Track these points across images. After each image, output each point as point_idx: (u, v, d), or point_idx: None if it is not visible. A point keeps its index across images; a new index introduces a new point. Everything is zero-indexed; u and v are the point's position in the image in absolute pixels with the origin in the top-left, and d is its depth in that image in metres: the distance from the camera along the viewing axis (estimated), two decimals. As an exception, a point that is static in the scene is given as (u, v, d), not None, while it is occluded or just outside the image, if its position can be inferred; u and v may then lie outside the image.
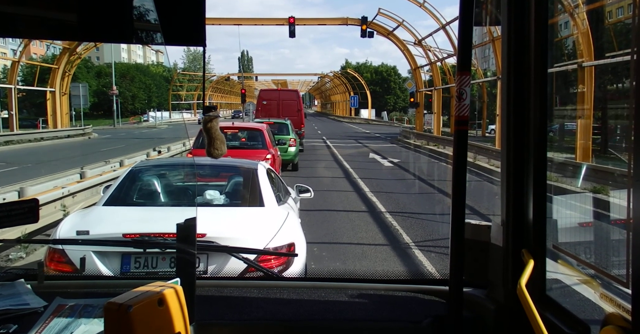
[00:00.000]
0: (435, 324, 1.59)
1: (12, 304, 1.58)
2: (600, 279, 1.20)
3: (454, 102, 1.47)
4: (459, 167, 1.46)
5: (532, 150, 1.45)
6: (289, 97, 26.39)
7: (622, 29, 16.51)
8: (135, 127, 51.15)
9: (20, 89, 37.10)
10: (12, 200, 6.73)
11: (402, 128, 41.52)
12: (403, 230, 8.97)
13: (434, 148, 25.76)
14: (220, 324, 1.60)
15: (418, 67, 36.08)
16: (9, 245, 7.37)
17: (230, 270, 3.66)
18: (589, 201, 1.75)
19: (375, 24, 32.98)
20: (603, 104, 16.77)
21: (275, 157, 12.41)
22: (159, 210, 4.93)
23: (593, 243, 1.62)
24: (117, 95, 50.88)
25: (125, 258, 3.80)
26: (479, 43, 29.58)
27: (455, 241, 1.47)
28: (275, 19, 34.51)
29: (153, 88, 75.17)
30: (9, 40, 58.72)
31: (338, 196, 12.49)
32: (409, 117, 60.75)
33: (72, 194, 9.28)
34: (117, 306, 1.16)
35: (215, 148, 1.47)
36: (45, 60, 45.39)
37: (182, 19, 1.33)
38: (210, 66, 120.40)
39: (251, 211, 4.88)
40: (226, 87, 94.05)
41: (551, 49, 1.47)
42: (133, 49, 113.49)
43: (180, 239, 1.54)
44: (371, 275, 1.98)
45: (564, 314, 1.34)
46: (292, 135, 17.69)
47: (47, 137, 31.99)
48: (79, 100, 37.47)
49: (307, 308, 1.69)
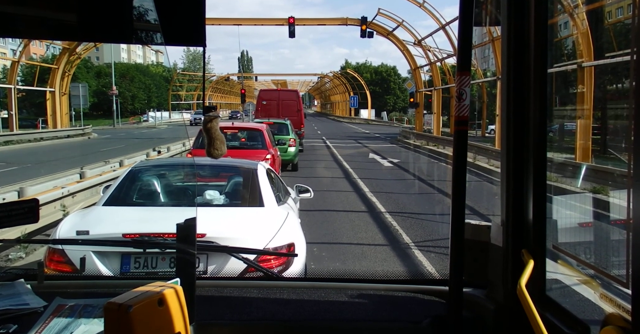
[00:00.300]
0: (435, 324, 1.59)
1: (12, 304, 1.58)
2: (600, 279, 1.20)
3: (454, 102, 1.47)
4: (458, 167, 1.46)
5: (532, 150, 1.45)
6: (289, 97, 26.39)
7: (622, 29, 16.51)
8: (135, 127, 51.15)
9: (20, 89, 37.09)
10: (13, 200, 6.72)
11: (401, 129, 41.52)
12: (403, 230, 8.97)
13: (433, 149, 25.76)
14: (220, 325, 1.60)
15: (418, 67, 36.09)
16: (8, 245, 7.37)
17: (230, 270, 3.67)
18: (588, 202, 1.75)
19: (375, 24, 32.99)
20: (603, 104, 16.77)
21: (275, 157, 12.41)
22: (159, 210, 4.93)
23: (593, 243, 1.62)
24: (117, 95, 50.88)
25: (125, 258, 3.80)
26: (478, 43, 29.57)
27: (455, 241, 1.47)
28: (275, 19, 34.57)
29: (153, 88, 75.15)
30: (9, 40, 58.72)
31: (338, 196, 12.49)
32: (409, 117, 60.78)
33: (72, 194, 9.28)
34: (117, 306, 1.16)
35: (215, 148, 1.47)
36: (45, 60, 45.38)
37: (182, 19, 1.33)
38: (210, 66, 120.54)
39: (251, 211, 4.88)
40: (226, 87, 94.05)
41: (551, 49, 1.48)
42: (133, 49, 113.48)
43: (180, 239, 1.54)
44: (371, 275, 1.98)
45: (563, 314, 1.34)
46: (291, 135, 17.69)
47: (47, 137, 32.00)
48: (79, 100, 37.46)
49: (307, 308, 1.69)
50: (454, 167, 1.46)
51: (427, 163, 22.14)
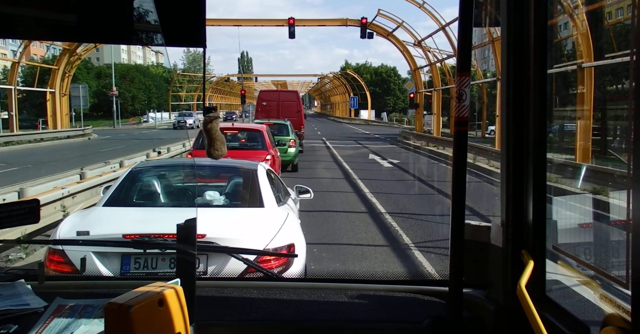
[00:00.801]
0: (435, 324, 1.59)
1: (13, 305, 1.58)
2: (600, 280, 1.20)
3: (454, 103, 1.47)
4: (458, 168, 1.46)
5: (532, 151, 1.45)
6: (289, 98, 26.40)
7: (622, 29, 16.52)
8: (135, 128, 51.15)
9: (21, 90, 37.09)
10: (13, 201, 6.73)
11: (401, 129, 41.52)
12: (403, 231, 8.97)
13: (433, 149, 25.76)
14: (220, 325, 1.60)
15: (418, 68, 36.09)
16: (9, 246, 7.37)
17: (230, 271, 3.67)
18: (588, 202, 1.76)
19: (375, 25, 32.99)
20: (603, 105, 16.76)
21: (275, 157, 12.41)
22: (159, 210, 4.93)
23: (593, 244, 1.62)
24: (117, 96, 50.88)
25: (125, 259, 3.80)
26: (478, 44, 29.59)
27: (455, 242, 1.47)
28: (275, 20, 34.56)
29: (153, 89, 75.15)
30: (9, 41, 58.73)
31: (338, 197, 12.48)
32: (409, 118, 60.76)
33: (72, 195, 9.29)
34: (118, 307, 1.16)
35: (215, 148, 1.48)
36: (45, 61, 45.37)
37: (182, 20, 1.33)
38: (210, 67, 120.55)
39: (251, 212, 4.88)
40: (226, 88, 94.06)
41: (551, 50, 1.48)
42: (133, 50, 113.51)
43: (180, 240, 1.55)
44: (371, 275, 1.98)
45: (563, 315, 1.34)
46: (291, 136, 17.69)
47: (47, 137, 32.00)
48: (79, 101, 37.47)
49: (307, 309, 1.69)
50: (454, 168, 1.46)
51: (427, 163, 22.14)
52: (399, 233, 8.90)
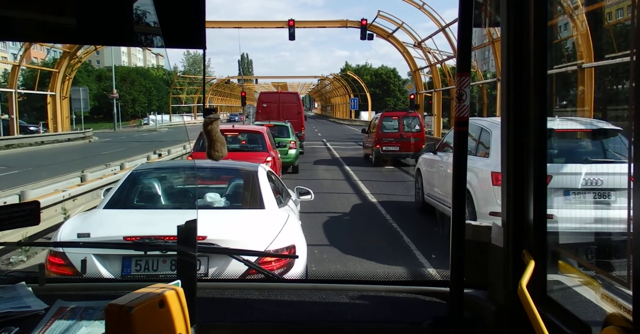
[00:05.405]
0: (436, 325, 1.59)
1: (14, 307, 1.58)
2: (601, 280, 1.20)
3: (454, 104, 1.47)
4: (459, 168, 1.46)
5: (532, 151, 1.45)
6: (289, 100, 26.41)
7: (622, 30, 16.52)
8: (136, 130, 51.15)
9: (21, 93, 37.12)
10: (14, 203, 6.73)
11: (402, 130, 41.39)
12: (403, 232, 8.97)
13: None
14: (221, 326, 1.60)
15: (418, 69, 36.08)
16: (10, 248, 7.36)
17: (231, 272, 3.66)
18: (589, 202, 1.76)
19: (375, 26, 33.00)
20: (603, 105, 16.76)
21: (276, 159, 12.41)
22: (160, 212, 4.94)
23: (594, 243, 1.62)
24: (118, 98, 50.92)
25: (126, 261, 3.80)
26: (478, 44, 29.59)
27: (455, 242, 1.47)
28: (275, 22, 34.58)
29: (153, 91, 75.15)
30: (10, 44, 58.82)
31: (339, 198, 12.48)
32: (409, 119, 60.60)
33: (73, 197, 9.28)
34: (118, 308, 1.16)
35: (215, 150, 1.48)
36: (46, 64, 45.38)
37: (182, 22, 1.33)
38: (211, 69, 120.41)
39: (252, 213, 4.88)
40: (226, 90, 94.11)
41: (551, 50, 1.48)
42: (133, 53, 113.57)
43: (181, 241, 1.55)
44: (372, 276, 1.98)
45: (565, 315, 1.34)
46: (292, 137, 17.68)
47: (48, 140, 32.02)
48: (80, 104, 37.53)
49: (308, 310, 1.69)
50: (454, 168, 1.47)
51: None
52: (399, 234, 8.90)
